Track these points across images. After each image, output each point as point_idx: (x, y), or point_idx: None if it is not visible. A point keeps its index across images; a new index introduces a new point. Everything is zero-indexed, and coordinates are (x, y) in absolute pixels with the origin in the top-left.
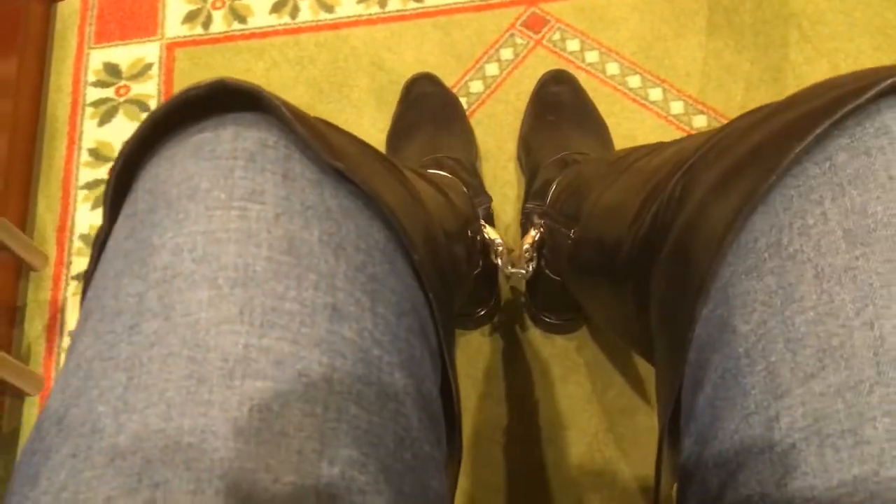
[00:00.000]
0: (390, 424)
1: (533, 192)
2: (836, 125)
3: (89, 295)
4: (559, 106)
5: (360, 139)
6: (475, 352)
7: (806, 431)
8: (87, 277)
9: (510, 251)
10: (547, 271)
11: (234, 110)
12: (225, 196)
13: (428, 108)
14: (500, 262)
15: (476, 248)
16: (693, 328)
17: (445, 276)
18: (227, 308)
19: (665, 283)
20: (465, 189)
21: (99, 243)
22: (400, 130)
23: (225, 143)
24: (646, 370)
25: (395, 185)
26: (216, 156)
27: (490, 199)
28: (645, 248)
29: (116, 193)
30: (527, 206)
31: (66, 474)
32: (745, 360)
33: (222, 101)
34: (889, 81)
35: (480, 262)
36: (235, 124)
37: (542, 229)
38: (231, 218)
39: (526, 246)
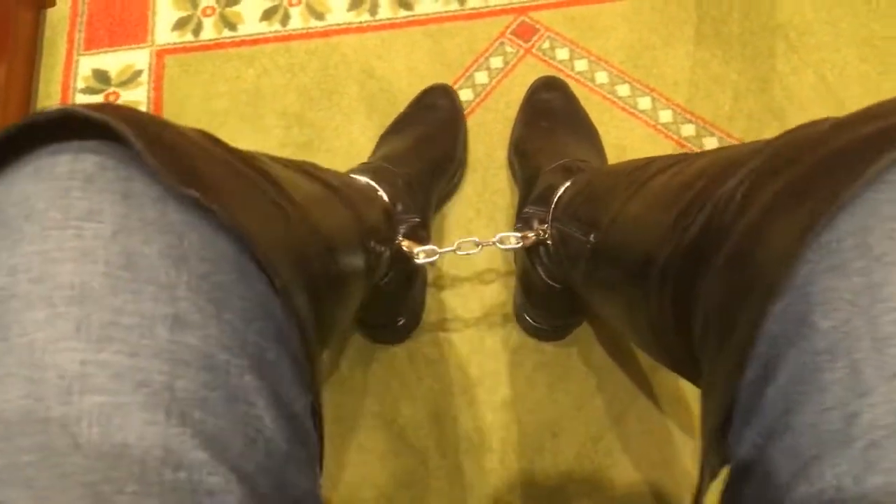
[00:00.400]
0: (240, 426)
1: (534, 197)
2: None
3: None
4: (552, 112)
5: (247, 159)
6: (465, 359)
7: (888, 429)
8: None
9: (428, 253)
10: (542, 274)
11: (90, 138)
12: (61, 216)
13: (424, 120)
14: (422, 260)
15: (377, 256)
16: (762, 324)
17: (321, 286)
18: (64, 326)
19: (723, 286)
20: (385, 201)
21: None
22: (394, 128)
23: (63, 164)
24: (636, 376)
25: (263, 209)
26: (53, 177)
27: (422, 219)
28: (691, 256)
29: None
30: (526, 210)
31: None
32: (825, 356)
33: (75, 129)
34: None
35: (389, 274)
36: (76, 149)
37: (542, 234)
38: (67, 237)
39: (513, 240)
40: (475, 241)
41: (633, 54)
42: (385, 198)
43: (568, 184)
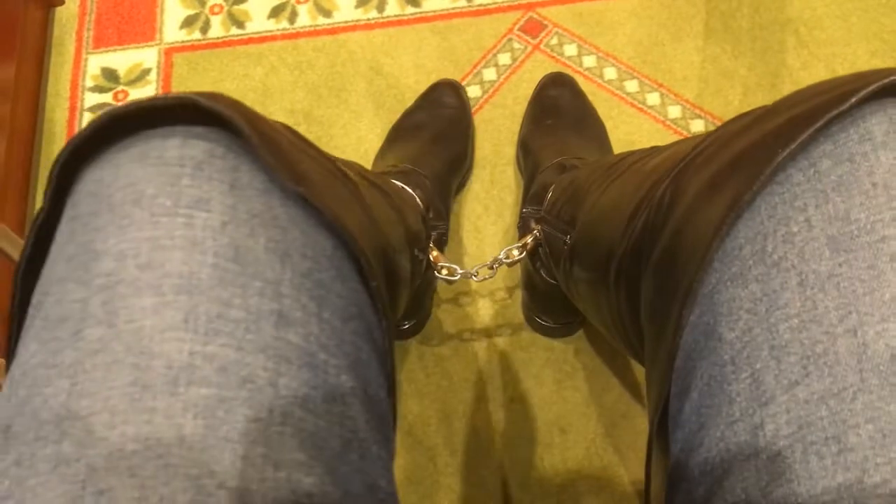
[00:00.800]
0: (336, 427)
1: (530, 196)
2: (821, 131)
3: (33, 301)
4: (558, 109)
5: (327, 156)
6: (473, 357)
7: (790, 439)
8: (22, 258)
9: (451, 271)
10: (543, 274)
11: (198, 124)
12: (171, 203)
13: (436, 118)
14: (443, 276)
15: (419, 264)
16: (680, 335)
17: (391, 286)
18: (172, 315)
19: (654, 290)
20: (421, 207)
21: (36, 227)
22: (404, 127)
23: (172, 150)
24: (643, 374)
25: (355, 209)
26: (163, 162)
27: (446, 227)
28: (636, 255)
29: (57, 193)
30: (524, 210)
31: (11, 483)
32: (730, 368)
33: (180, 115)
34: (873, 87)
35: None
36: (184, 134)
37: (537, 234)
38: (177, 225)
39: (515, 253)
40: (489, 265)
41: (642, 50)
42: (420, 203)
43: (556, 182)
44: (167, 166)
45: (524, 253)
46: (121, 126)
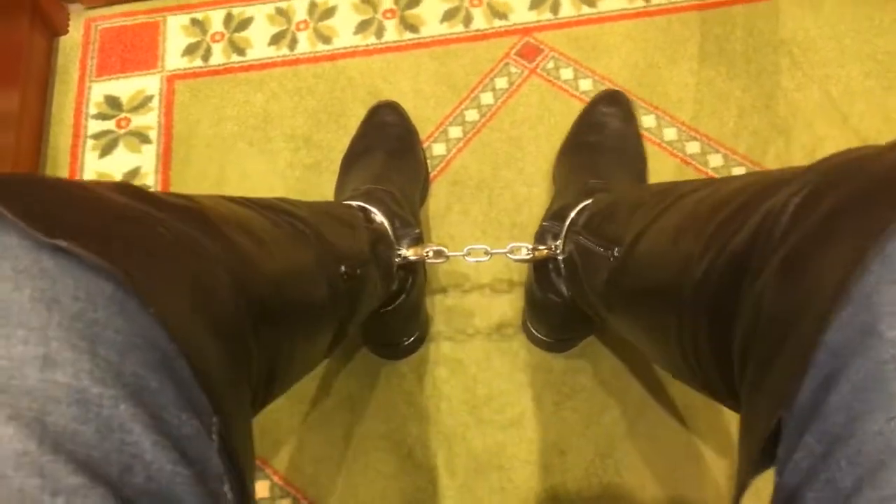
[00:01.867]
0: (114, 455)
1: (552, 212)
2: None
3: None
4: (603, 128)
5: (160, 201)
6: (472, 379)
7: None
8: None
9: (437, 253)
10: (545, 290)
11: None
12: None
13: (385, 137)
14: (431, 259)
15: (358, 280)
16: (826, 329)
17: (265, 319)
18: None
19: (776, 294)
20: (370, 225)
21: None
22: (355, 153)
23: None
24: (642, 394)
25: (146, 245)
26: None
27: (419, 232)
28: (734, 263)
29: None
30: (543, 224)
31: None
32: (892, 365)
33: None
34: None
35: (398, 298)
36: None
37: (554, 249)
38: None
39: (524, 251)
40: (486, 249)
41: (637, 73)
42: (380, 217)
43: (588, 202)
44: None
45: (531, 255)
46: None
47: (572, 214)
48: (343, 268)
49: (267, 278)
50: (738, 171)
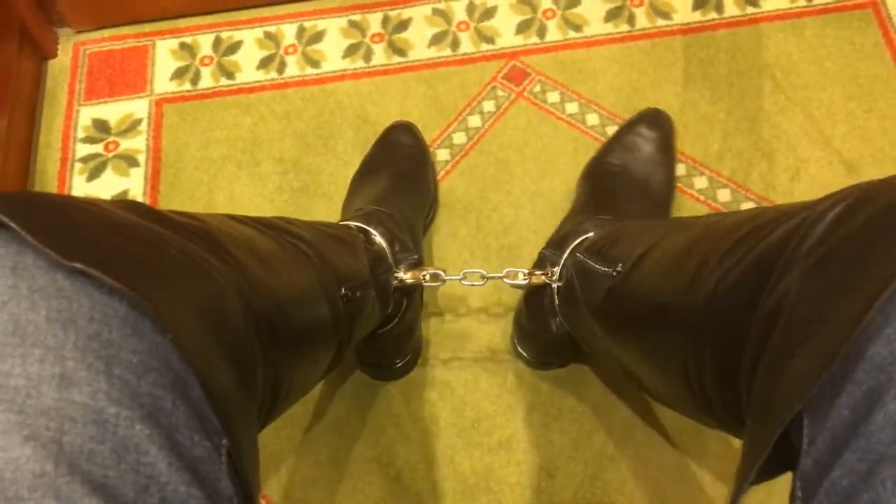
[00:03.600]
0: (130, 475)
1: (554, 240)
2: None
3: None
4: (634, 152)
5: (172, 222)
6: (460, 401)
7: None
8: None
9: (434, 276)
10: (534, 319)
11: None
12: None
13: (394, 158)
14: (428, 283)
15: (358, 302)
16: (860, 321)
17: (269, 340)
18: None
19: (807, 293)
20: (369, 246)
21: None
22: (364, 172)
23: None
24: (631, 416)
25: (168, 270)
26: None
27: (418, 257)
28: (757, 269)
29: None
30: (544, 251)
31: None
32: None
33: None
34: None
35: (392, 320)
36: None
37: (551, 276)
38: None
39: (521, 276)
40: (482, 273)
41: (623, 96)
42: (379, 239)
43: (591, 234)
44: None
45: (527, 280)
46: None
47: (573, 245)
48: (343, 290)
49: (273, 299)
50: (723, 193)
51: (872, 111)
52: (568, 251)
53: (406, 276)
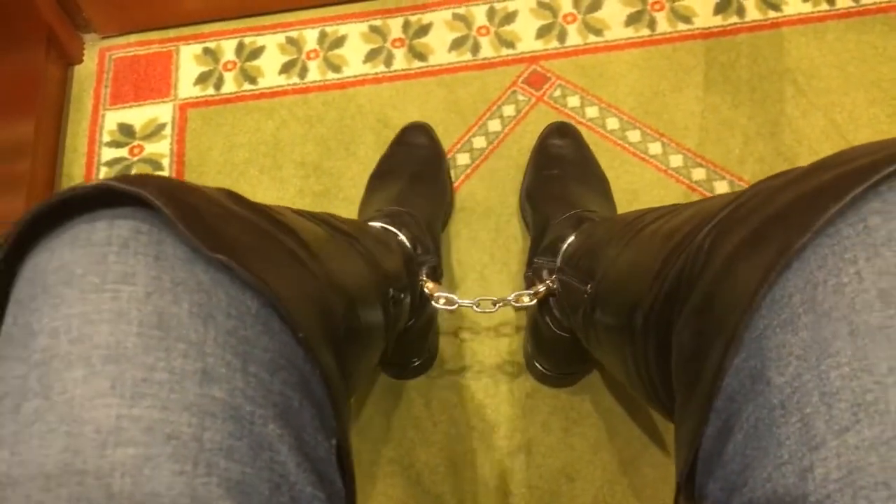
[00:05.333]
0: (264, 473)
1: (542, 248)
2: (870, 189)
3: None
4: (562, 159)
5: (261, 209)
6: (480, 404)
7: (840, 483)
8: None
9: (448, 300)
10: (551, 324)
11: (124, 206)
12: (98, 280)
13: (411, 159)
14: (441, 306)
15: (399, 303)
16: (722, 377)
17: (343, 336)
18: (100, 383)
19: (690, 335)
20: (407, 245)
21: None
22: (381, 173)
23: (100, 231)
24: (650, 420)
25: (282, 262)
26: (91, 243)
27: (437, 260)
28: (668, 303)
29: (4, 281)
30: (536, 260)
31: None
32: (779, 412)
33: (109, 199)
34: None
35: (412, 317)
36: (111, 217)
37: (551, 284)
38: (104, 300)
39: (526, 299)
40: (493, 300)
41: (644, 100)
42: (406, 241)
43: (573, 237)
44: (94, 247)
45: (535, 300)
46: (52, 217)
47: (564, 247)
48: (392, 291)
49: (345, 297)
50: None
51: (895, 115)
52: (561, 254)
53: (427, 284)
